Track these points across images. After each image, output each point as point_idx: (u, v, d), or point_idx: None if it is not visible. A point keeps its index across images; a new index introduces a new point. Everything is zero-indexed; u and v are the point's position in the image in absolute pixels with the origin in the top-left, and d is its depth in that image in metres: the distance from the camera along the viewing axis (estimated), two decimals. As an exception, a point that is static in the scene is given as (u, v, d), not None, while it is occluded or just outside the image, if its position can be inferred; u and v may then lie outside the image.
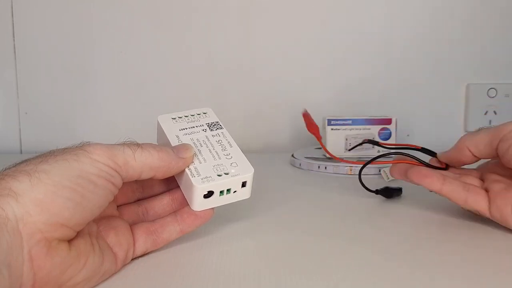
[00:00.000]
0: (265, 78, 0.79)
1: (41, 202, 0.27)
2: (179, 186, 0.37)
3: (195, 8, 0.77)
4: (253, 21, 0.78)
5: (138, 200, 0.38)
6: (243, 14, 0.78)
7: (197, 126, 0.39)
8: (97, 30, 0.77)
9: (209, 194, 0.35)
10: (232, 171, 0.36)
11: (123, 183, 0.32)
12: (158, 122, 0.39)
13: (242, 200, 0.37)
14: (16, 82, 0.77)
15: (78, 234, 0.29)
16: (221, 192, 0.35)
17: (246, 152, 0.38)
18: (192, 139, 0.38)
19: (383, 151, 0.67)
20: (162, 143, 0.39)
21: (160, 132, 0.39)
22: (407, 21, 0.79)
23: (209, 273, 0.33)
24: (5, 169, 0.29)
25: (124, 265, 0.34)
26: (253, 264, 0.34)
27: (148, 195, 0.39)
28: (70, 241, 0.29)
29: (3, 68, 0.77)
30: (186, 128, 0.39)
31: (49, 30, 0.77)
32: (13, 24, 0.76)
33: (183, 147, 0.35)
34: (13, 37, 0.76)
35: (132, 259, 0.35)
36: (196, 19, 0.77)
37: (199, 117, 0.40)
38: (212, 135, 0.39)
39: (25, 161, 0.29)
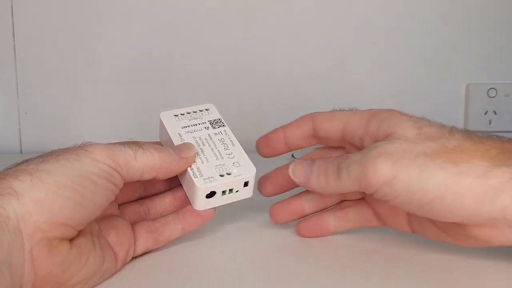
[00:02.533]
0: (265, 78, 0.79)
1: (42, 201, 0.27)
2: (181, 185, 0.37)
3: (195, 8, 0.77)
4: (254, 21, 0.78)
5: (140, 198, 0.38)
6: (243, 13, 0.78)
7: (199, 124, 0.39)
8: (97, 30, 0.77)
9: (211, 194, 0.35)
10: (235, 171, 0.36)
11: (125, 183, 0.32)
12: (160, 119, 0.39)
13: (244, 199, 0.37)
14: (16, 82, 0.77)
15: (79, 233, 0.29)
16: (223, 192, 0.35)
17: (247, 152, 0.38)
18: (194, 137, 0.38)
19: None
20: (164, 139, 0.39)
21: (162, 129, 0.39)
22: (407, 21, 0.79)
23: (209, 273, 0.33)
24: (6, 169, 0.29)
25: (124, 264, 0.34)
26: (254, 264, 0.34)
27: (150, 194, 0.39)
28: (71, 240, 0.29)
29: (3, 68, 0.77)
30: (189, 126, 0.39)
31: (49, 30, 0.77)
32: (13, 24, 0.76)
33: (185, 146, 0.35)
34: (13, 37, 0.76)
35: (133, 258, 0.35)
36: (196, 18, 0.77)
37: (202, 114, 0.40)
38: (215, 133, 0.38)
39: (26, 161, 0.30)
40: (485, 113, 0.79)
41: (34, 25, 0.76)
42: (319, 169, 0.33)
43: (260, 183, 0.40)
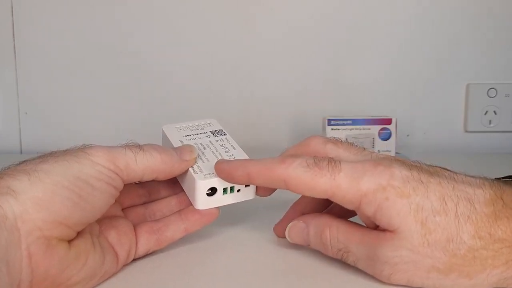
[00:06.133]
0: (265, 78, 0.79)
1: (40, 200, 0.27)
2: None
3: (195, 9, 0.77)
4: (253, 21, 0.78)
5: (145, 203, 0.38)
6: (243, 15, 0.78)
7: (201, 133, 0.40)
8: (97, 30, 0.77)
9: (212, 191, 0.35)
10: None
11: (128, 187, 0.32)
12: (162, 131, 0.40)
13: (246, 202, 0.37)
14: (16, 82, 0.77)
15: (79, 234, 0.29)
16: (225, 190, 0.35)
17: (246, 152, 0.38)
18: (196, 144, 0.38)
19: (382, 150, 0.68)
20: None
21: (165, 140, 0.40)
22: (407, 21, 0.78)
23: (210, 276, 0.33)
24: (5, 169, 0.29)
25: (125, 264, 0.33)
26: (256, 268, 0.34)
27: (154, 199, 0.38)
28: (70, 240, 0.29)
29: (3, 68, 0.77)
30: (190, 135, 0.39)
31: (49, 30, 0.77)
32: (13, 24, 0.76)
33: (186, 148, 0.35)
34: (13, 37, 0.76)
35: (134, 261, 0.34)
36: (196, 20, 0.77)
37: (203, 126, 0.41)
38: (216, 140, 0.39)
39: (25, 161, 0.30)
40: (485, 113, 0.79)
41: (34, 25, 0.76)
42: (316, 242, 0.34)
43: (275, 229, 0.39)
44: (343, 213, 0.34)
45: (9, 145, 0.79)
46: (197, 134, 0.39)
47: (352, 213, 0.33)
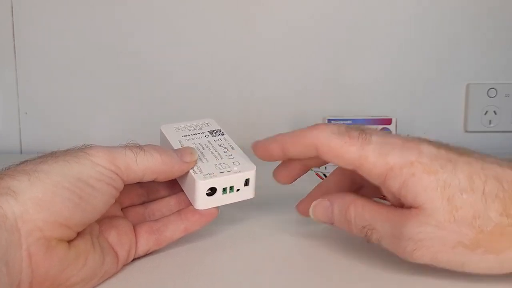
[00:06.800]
0: (265, 78, 0.79)
1: (40, 200, 0.27)
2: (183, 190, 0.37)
3: (195, 9, 0.77)
4: (253, 21, 0.78)
5: (144, 203, 0.38)
6: (243, 15, 0.78)
7: (199, 133, 0.40)
8: (97, 30, 0.77)
9: (212, 191, 0.35)
10: (235, 168, 0.36)
11: (128, 186, 0.32)
12: (161, 131, 0.40)
13: (245, 200, 0.37)
14: (16, 82, 0.77)
15: (79, 234, 0.29)
16: (224, 190, 0.35)
17: (246, 152, 0.38)
18: (194, 144, 0.38)
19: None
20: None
21: (163, 140, 0.40)
22: (407, 21, 0.78)
23: (210, 276, 0.33)
24: (5, 169, 0.29)
25: (125, 264, 0.34)
26: (257, 268, 0.34)
27: (153, 199, 0.38)
28: (70, 241, 0.29)
29: (3, 68, 0.77)
30: (189, 135, 0.40)
31: (49, 30, 0.77)
32: (13, 24, 0.76)
33: (187, 151, 0.35)
34: (13, 37, 0.76)
35: (134, 260, 0.34)
36: (196, 20, 0.77)
37: (201, 125, 0.41)
38: (214, 140, 0.39)
39: (25, 161, 0.30)
40: (485, 113, 0.79)
41: (34, 25, 0.76)
42: (340, 220, 0.33)
43: (298, 207, 0.40)
44: (368, 196, 0.34)
45: (9, 145, 0.79)
46: (196, 134, 0.40)
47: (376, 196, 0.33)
